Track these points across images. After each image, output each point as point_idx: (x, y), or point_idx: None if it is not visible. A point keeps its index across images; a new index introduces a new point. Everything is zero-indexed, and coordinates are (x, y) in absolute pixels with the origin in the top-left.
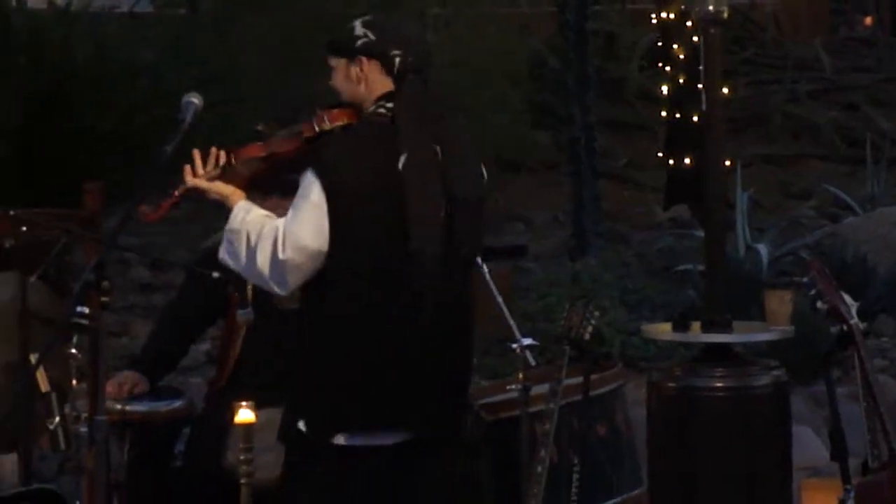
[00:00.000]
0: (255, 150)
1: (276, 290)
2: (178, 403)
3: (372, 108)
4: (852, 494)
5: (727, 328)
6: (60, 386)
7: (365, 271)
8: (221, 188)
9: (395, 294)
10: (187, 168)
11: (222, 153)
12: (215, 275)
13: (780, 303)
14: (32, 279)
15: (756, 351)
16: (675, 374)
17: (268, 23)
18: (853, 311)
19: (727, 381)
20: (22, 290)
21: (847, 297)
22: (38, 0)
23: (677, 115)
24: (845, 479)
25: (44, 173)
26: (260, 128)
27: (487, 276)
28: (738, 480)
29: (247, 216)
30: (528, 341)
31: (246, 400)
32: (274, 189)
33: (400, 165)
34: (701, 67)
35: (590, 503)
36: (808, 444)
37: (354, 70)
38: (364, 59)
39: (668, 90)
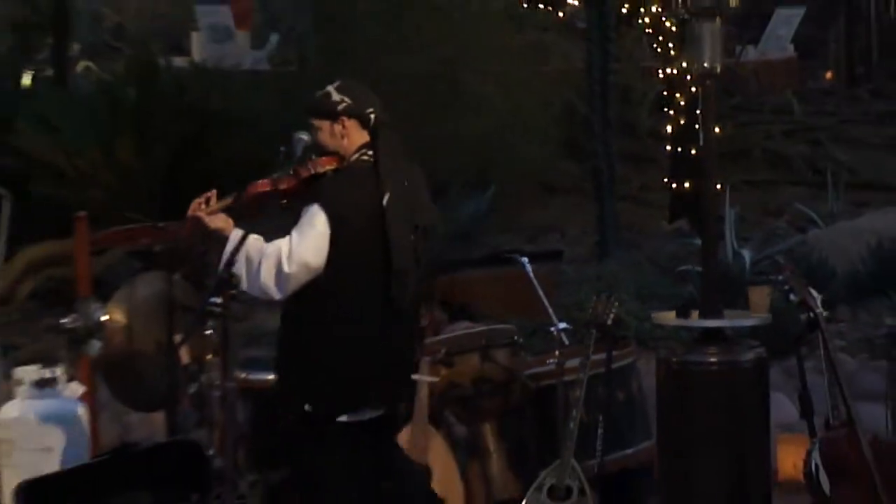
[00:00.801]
0: (263, 187)
1: (275, 297)
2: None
3: (356, 156)
4: (817, 445)
5: (719, 315)
6: (198, 359)
7: (354, 284)
8: (216, 220)
9: (376, 301)
10: (195, 203)
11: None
12: None
13: (760, 296)
14: (176, 276)
15: (741, 333)
16: (678, 352)
17: (361, 75)
18: (818, 303)
19: (719, 356)
20: (168, 285)
21: (813, 292)
22: (181, 60)
23: (679, 150)
24: (812, 433)
25: (186, 199)
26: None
27: (531, 275)
28: (728, 435)
29: (245, 241)
30: (563, 326)
31: None
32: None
33: (384, 202)
34: (698, 112)
35: (610, 452)
36: (783, 407)
37: (338, 128)
38: (345, 118)
39: (672, 130)
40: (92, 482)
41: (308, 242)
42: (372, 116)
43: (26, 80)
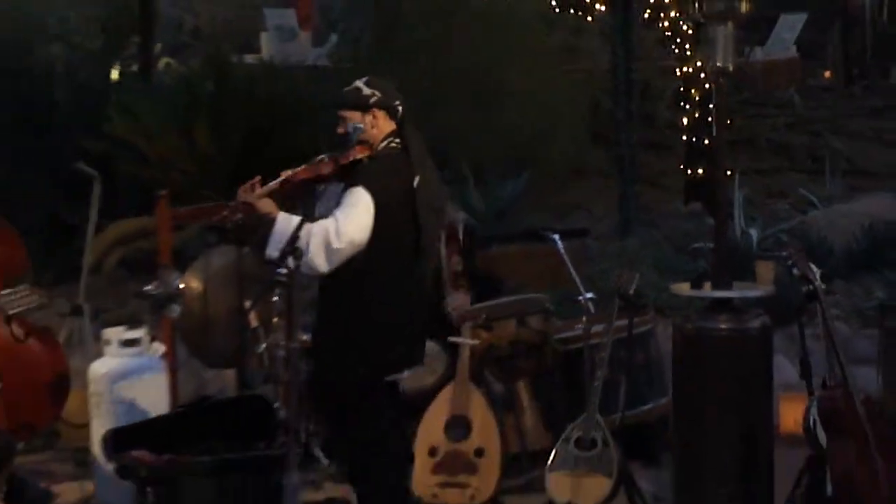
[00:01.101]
0: (306, 173)
1: (322, 271)
2: None
3: (385, 143)
4: (815, 403)
5: (729, 287)
6: (266, 323)
7: (389, 258)
8: (264, 204)
9: (406, 274)
10: (243, 189)
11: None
12: None
13: (766, 270)
14: (246, 250)
15: (748, 303)
16: (692, 319)
17: (411, 73)
18: (817, 276)
19: (728, 323)
20: (238, 257)
21: (812, 266)
22: (252, 57)
23: (693, 139)
24: (810, 392)
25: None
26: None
27: (562, 250)
28: (736, 393)
29: (291, 222)
30: (589, 295)
31: None
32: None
33: (415, 185)
34: (711, 106)
35: (631, 408)
36: (785, 369)
37: (368, 118)
38: (376, 110)
39: (687, 121)
40: (171, 432)
41: (354, 221)
42: (399, 108)
43: (114, 74)
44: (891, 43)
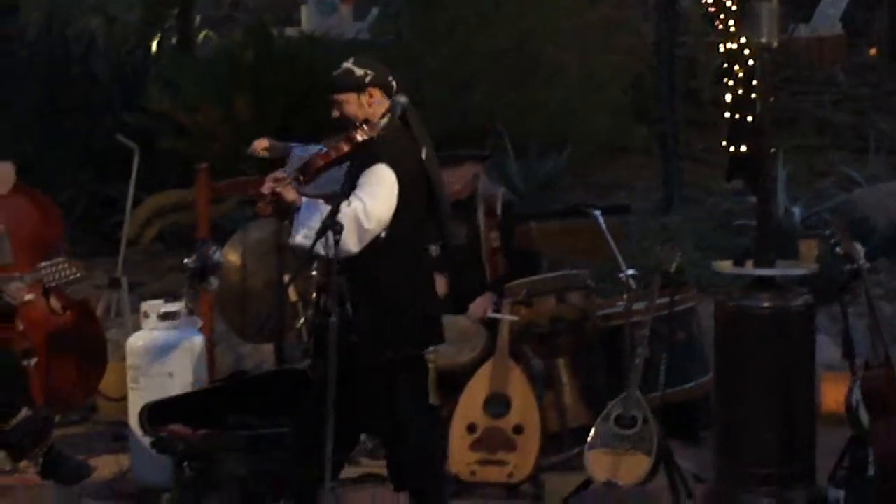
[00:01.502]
0: (326, 158)
1: (353, 251)
2: None
3: (386, 120)
4: (858, 383)
5: (772, 265)
6: (304, 297)
7: (412, 233)
8: (290, 193)
9: (424, 247)
10: (269, 181)
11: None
12: None
13: (809, 248)
14: (285, 223)
15: (791, 281)
16: (735, 297)
17: (450, 49)
18: (860, 255)
19: (771, 302)
20: (278, 231)
21: (856, 245)
22: (292, 30)
23: (737, 116)
24: (853, 372)
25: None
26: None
27: (603, 226)
28: (778, 372)
29: (318, 209)
30: (631, 272)
31: None
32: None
33: (423, 156)
34: (755, 82)
35: (672, 386)
36: (827, 348)
37: (365, 98)
38: (371, 88)
39: (731, 98)
40: (208, 404)
41: (381, 199)
42: (394, 84)
43: (153, 46)
44: None
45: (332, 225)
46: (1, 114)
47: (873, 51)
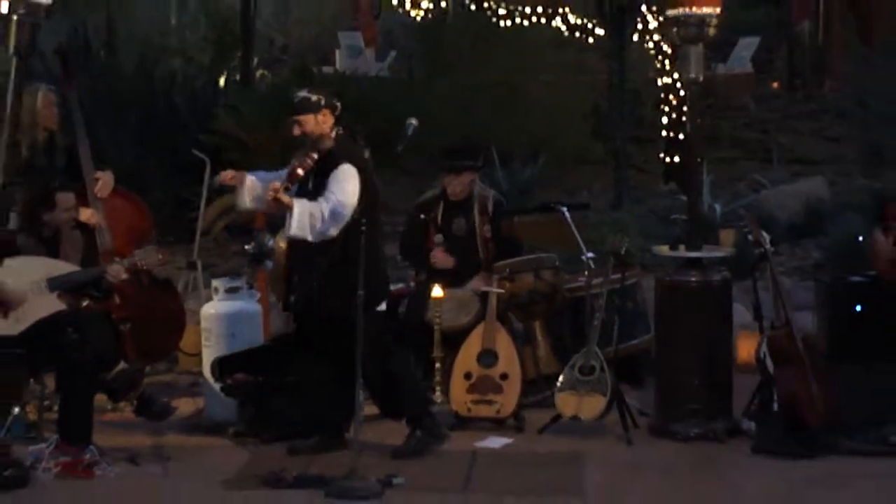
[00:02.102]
0: (304, 168)
1: (333, 236)
2: (401, 285)
3: (335, 132)
4: (765, 340)
5: (699, 249)
6: None
7: (370, 214)
8: (286, 199)
9: (379, 228)
10: (271, 190)
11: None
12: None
13: (727, 236)
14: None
15: (714, 262)
16: (670, 273)
17: (452, 82)
18: (767, 241)
19: (698, 277)
20: None
21: (764, 233)
22: (328, 68)
23: (671, 135)
24: (761, 331)
25: None
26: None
27: (569, 220)
28: (703, 331)
29: (304, 207)
30: (590, 255)
31: (436, 283)
32: None
33: (366, 156)
34: (685, 108)
35: (622, 342)
36: (741, 313)
37: (320, 117)
38: (325, 109)
39: (667, 121)
40: (265, 359)
41: (349, 191)
42: (338, 106)
43: (221, 81)
44: (824, 60)
45: (358, 220)
46: (106, 134)
47: (776, 84)
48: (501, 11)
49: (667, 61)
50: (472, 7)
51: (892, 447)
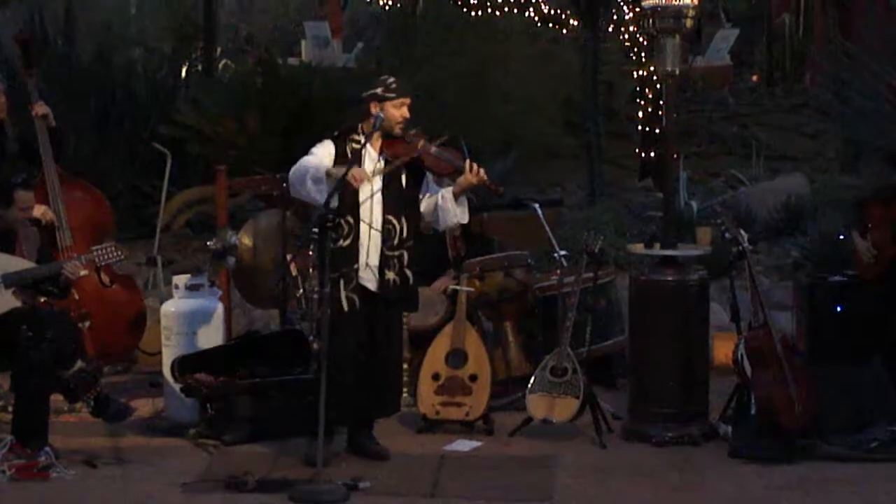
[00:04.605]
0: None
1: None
2: None
3: None
4: (742, 341)
5: (674, 247)
6: (303, 272)
7: None
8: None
9: None
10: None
11: None
12: None
13: (704, 234)
14: (288, 212)
15: (690, 260)
16: (645, 272)
17: (421, 75)
18: (745, 239)
19: (674, 276)
20: (282, 218)
21: (741, 231)
22: (294, 59)
23: (647, 129)
24: (738, 332)
25: (296, 157)
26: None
27: (541, 216)
28: (679, 332)
29: None
30: (563, 253)
31: None
32: None
33: None
34: (661, 102)
35: (595, 343)
36: (718, 313)
37: None
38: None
39: (642, 115)
40: (226, 359)
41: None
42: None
43: (183, 72)
44: (804, 54)
45: (324, 215)
46: (62, 124)
47: (755, 77)
48: (472, 1)
49: (643, 53)
50: None
51: (871, 452)
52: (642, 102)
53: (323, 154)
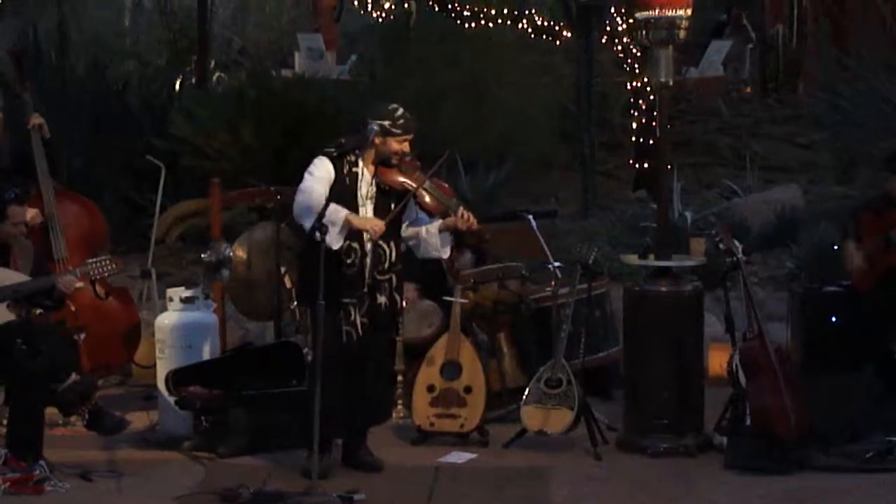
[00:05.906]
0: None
1: None
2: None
3: None
4: (737, 352)
5: (668, 258)
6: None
7: None
8: None
9: None
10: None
11: None
12: None
13: (698, 245)
14: (283, 225)
15: (684, 271)
16: (639, 283)
17: (414, 86)
18: (739, 250)
19: (668, 287)
20: (276, 231)
21: (736, 242)
22: (287, 71)
23: (641, 140)
24: (733, 343)
25: (290, 170)
26: None
27: (535, 228)
28: (673, 343)
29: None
30: (557, 264)
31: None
32: None
33: None
34: (655, 113)
35: (590, 354)
36: (713, 324)
37: None
38: None
39: (636, 126)
40: (220, 371)
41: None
42: None
43: (177, 84)
44: (797, 64)
45: (317, 227)
46: (57, 138)
47: (748, 88)
48: (466, 13)
49: (636, 64)
50: (436, 8)
51: (866, 463)
52: (636, 114)
53: (322, 176)
